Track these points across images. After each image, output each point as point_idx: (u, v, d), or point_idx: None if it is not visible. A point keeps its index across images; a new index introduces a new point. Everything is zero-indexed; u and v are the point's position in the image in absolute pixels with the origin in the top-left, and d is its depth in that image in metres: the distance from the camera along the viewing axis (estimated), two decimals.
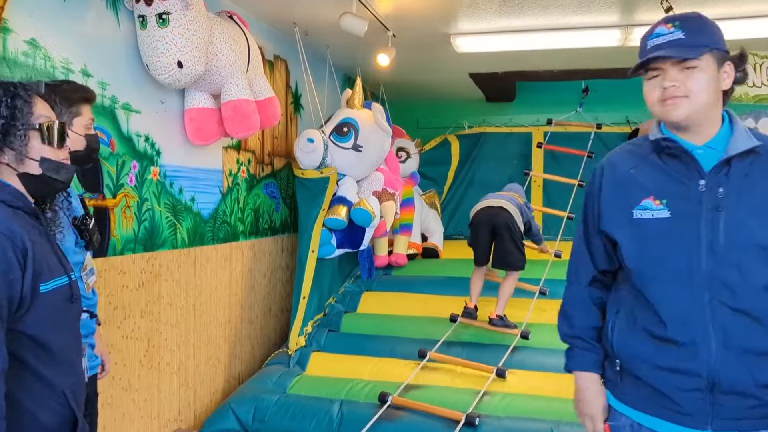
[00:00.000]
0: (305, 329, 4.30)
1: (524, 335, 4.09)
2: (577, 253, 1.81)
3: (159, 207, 3.26)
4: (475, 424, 3.19)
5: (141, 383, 3.13)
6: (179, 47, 2.94)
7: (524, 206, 4.53)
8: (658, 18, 4.14)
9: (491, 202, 4.37)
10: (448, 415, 3.28)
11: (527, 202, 4.73)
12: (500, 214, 4.27)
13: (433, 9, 4.06)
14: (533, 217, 4.68)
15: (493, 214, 4.28)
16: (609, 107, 6.56)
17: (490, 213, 4.30)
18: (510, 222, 4.24)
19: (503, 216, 4.25)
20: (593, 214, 1.73)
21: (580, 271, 1.80)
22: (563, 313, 1.85)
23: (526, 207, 4.57)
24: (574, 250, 1.83)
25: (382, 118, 4.49)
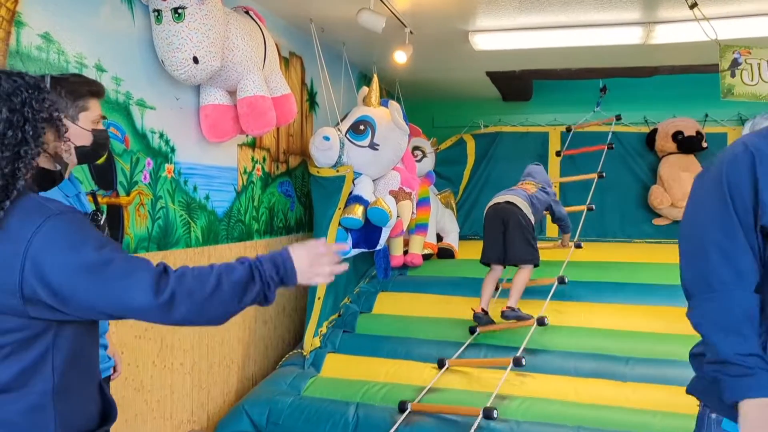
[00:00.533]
0: (320, 330, 4.24)
1: (541, 322, 3.97)
2: (728, 251, 1.44)
3: (173, 205, 3.22)
4: (494, 417, 3.11)
5: (154, 384, 3.08)
6: (195, 42, 2.89)
7: (537, 195, 4.38)
8: (682, 15, 4.09)
9: (499, 198, 4.29)
10: (466, 413, 3.22)
11: (544, 186, 4.54)
12: (507, 208, 4.18)
13: (451, 5, 3.99)
14: (556, 201, 4.53)
15: (500, 209, 4.21)
16: (627, 107, 6.44)
17: (497, 209, 4.23)
18: (519, 215, 4.13)
19: (511, 210, 4.16)
20: (744, 208, 1.43)
21: (744, 273, 1.43)
22: (728, 326, 1.42)
23: (542, 193, 4.44)
24: (719, 247, 1.45)
25: (399, 117, 4.42)
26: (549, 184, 4.70)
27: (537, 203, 4.33)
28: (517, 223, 4.12)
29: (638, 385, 3.54)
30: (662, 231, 6.19)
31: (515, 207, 4.18)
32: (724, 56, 3.78)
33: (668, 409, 3.34)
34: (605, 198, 6.14)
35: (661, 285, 4.51)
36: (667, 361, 3.71)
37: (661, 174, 6.11)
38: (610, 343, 3.94)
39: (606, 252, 5.39)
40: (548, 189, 4.61)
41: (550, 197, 4.50)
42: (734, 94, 3.74)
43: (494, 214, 4.22)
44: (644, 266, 4.88)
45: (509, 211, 4.16)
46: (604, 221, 6.25)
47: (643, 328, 4.08)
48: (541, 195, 4.42)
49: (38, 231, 1.22)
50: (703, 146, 6.04)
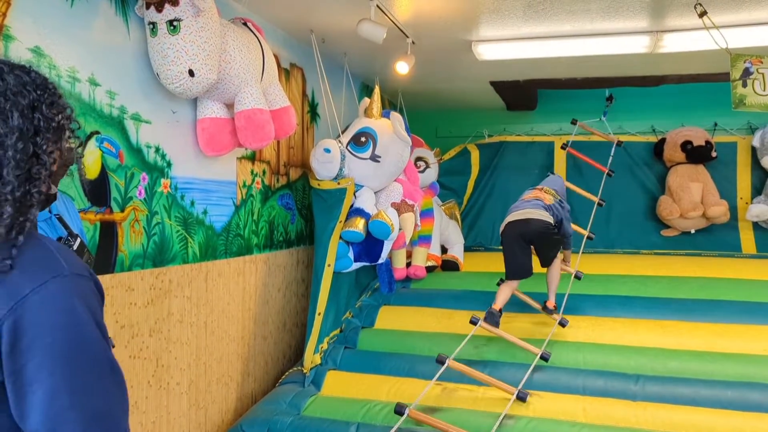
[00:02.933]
0: (321, 346, 4.15)
1: (562, 323, 4.06)
2: None
3: (169, 220, 3.14)
4: None
5: (149, 405, 3.00)
6: (191, 55, 2.82)
7: (554, 206, 4.31)
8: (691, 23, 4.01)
9: (516, 215, 4.21)
10: None
11: (561, 200, 4.50)
12: (528, 224, 4.12)
13: (454, 15, 3.91)
14: (567, 219, 4.47)
15: (520, 226, 4.14)
16: (634, 116, 6.36)
17: (516, 226, 4.16)
18: (542, 228, 4.10)
19: (534, 226, 4.11)
20: None
21: None
22: None
23: (558, 206, 4.37)
24: None
25: (401, 128, 4.35)
26: (565, 198, 4.63)
27: (553, 213, 4.26)
28: (543, 236, 4.12)
29: (649, 404, 3.44)
30: (671, 242, 6.08)
31: (535, 221, 4.11)
32: (735, 66, 3.68)
33: (680, 430, 3.24)
34: (612, 208, 6.04)
35: (671, 299, 4.42)
36: (679, 378, 3.62)
37: (670, 184, 6.01)
38: (619, 359, 3.84)
39: (613, 264, 5.29)
40: (564, 204, 4.53)
41: (564, 212, 4.42)
42: (746, 104, 3.64)
43: (514, 232, 4.15)
44: (653, 279, 4.78)
45: (531, 229, 4.10)
46: (611, 232, 6.15)
47: (653, 343, 3.98)
48: (557, 208, 4.33)
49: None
50: (713, 156, 5.94)
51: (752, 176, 6.02)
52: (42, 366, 1.00)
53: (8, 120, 1.05)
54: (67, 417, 1.01)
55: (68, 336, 1.03)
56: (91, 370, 1.06)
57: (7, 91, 1.07)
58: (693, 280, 4.69)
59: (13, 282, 1.00)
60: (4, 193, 1.04)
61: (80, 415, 1.02)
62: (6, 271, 0.99)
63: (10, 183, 1.03)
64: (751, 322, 4.05)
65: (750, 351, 3.79)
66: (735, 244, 5.94)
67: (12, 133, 1.04)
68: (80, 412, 1.02)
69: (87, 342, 1.06)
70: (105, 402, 1.07)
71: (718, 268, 5.03)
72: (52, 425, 1.00)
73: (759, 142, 5.77)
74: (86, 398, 1.03)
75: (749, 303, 4.26)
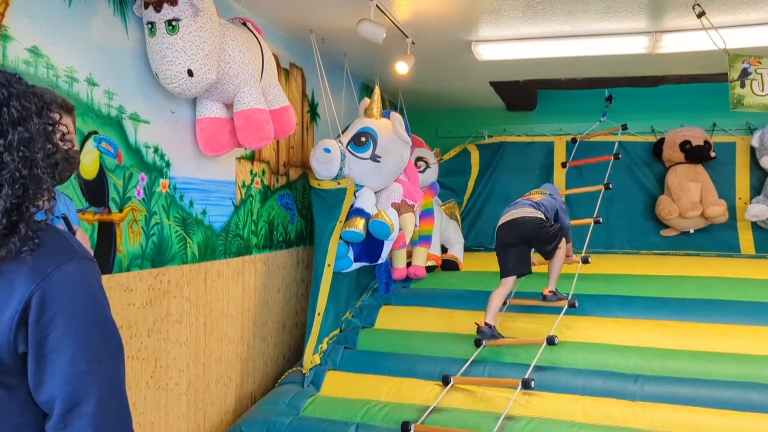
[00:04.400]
0: (320, 347, 4.15)
1: (572, 304, 4.05)
2: None
3: (168, 221, 3.14)
4: None
5: (147, 405, 3.00)
6: (189, 55, 2.82)
7: (542, 201, 4.36)
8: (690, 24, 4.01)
9: (507, 216, 4.27)
10: None
11: (552, 194, 4.55)
12: (521, 224, 4.18)
13: (453, 15, 3.91)
14: (564, 209, 4.49)
15: (511, 226, 4.20)
16: (634, 116, 6.35)
17: (509, 226, 4.22)
18: (531, 223, 4.15)
19: (524, 225, 4.16)
20: None
21: None
22: None
23: (549, 198, 4.43)
24: None
25: (401, 128, 4.34)
26: (557, 193, 4.69)
27: (543, 208, 4.30)
28: (533, 231, 4.16)
29: (647, 404, 3.43)
30: (670, 242, 6.09)
31: (524, 218, 4.17)
32: (734, 66, 3.68)
33: (679, 430, 3.24)
34: (612, 209, 6.04)
35: (670, 299, 4.41)
36: (678, 379, 3.61)
37: (669, 184, 6.01)
38: (618, 359, 3.83)
39: (613, 264, 5.28)
40: (556, 196, 4.58)
41: (558, 202, 4.45)
42: (744, 104, 3.64)
43: (506, 233, 4.22)
44: (652, 279, 4.77)
45: (521, 226, 4.16)
46: (610, 232, 6.15)
47: (652, 343, 3.97)
48: (547, 200, 4.39)
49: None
50: (711, 156, 5.95)
51: (751, 176, 6.02)
52: (63, 336, 1.13)
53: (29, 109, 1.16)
54: (85, 381, 1.14)
55: (87, 311, 1.16)
56: (105, 342, 1.19)
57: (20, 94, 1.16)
58: (692, 279, 4.69)
59: (38, 262, 1.12)
60: None
61: (96, 380, 1.16)
62: (34, 249, 1.12)
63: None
64: (750, 323, 4.04)
65: (749, 351, 3.79)
66: (734, 244, 5.94)
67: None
68: (96, 378, 1.16)
69: (102, 318, 1.20)
70: (115, 370, 1.21)
71: (717, 268, 5.03)
72: (72, 388, 1.13)
73: (758, 142, 5.78)
74: (100, 366, 1.17)
75: (748, 303, 4.26)
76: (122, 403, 1.23)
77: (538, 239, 4.21)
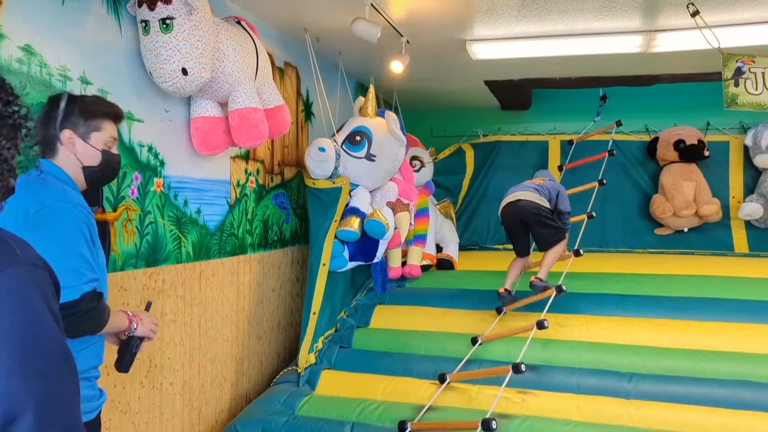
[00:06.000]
0: (315, 346, 4.14)
1: (559, 289, 4.03)
2: None
3: (162, 220, 3.13)
4: (493, 428, 3.02)
5: (142, 405, 2.99)
6: (184, 53, 2.81)
7: (544, 184, 4.46)
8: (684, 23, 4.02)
9: (511, 197, 4.35)
10: (464, 427, 3.14)
11: (549, 180, 4.65)
12: (521, 206, 4.27)
13: (448, 15, 3.92)
14: (563, 195, 4.53)
15: (515, 208, 4.30)
16: (628, 115, 6.36)
17: (512, 208, 4.31)
18: (533, 209, 4.25)
19: (524, 206, 4.26)
20: None
21: None
22: None
23: (549, 182, 4.53)
24: None
25: (396, 127, 4.34)
26: (553, 178, 4.80)
27: (544, 191, 4.41)
28: (534, 216, 4.25)
29: (642, 402, 3.45)
30: (664, 241, 6.10)
31: (526, 202, 4.27)
32: (727, 65, 3.70)
33: (673, 428, 3.25)
34: (606, 207, 6.06)
35: (664, 297, 4.42)
36: (672, 377, 3.63)
37: (663, 183, 6.03)
38: (612, 357, 3.84)
39: (607, 263, 5.30)
40: (554, 182, 4.68)
41: (558, 186, 4.56)
42: (738, 103, 3.66)
43: (511, 215, 4.34)
44: (646, 277, 4.79)
45: (523, 209, 4.27)
46: (605, 231, 6.16)
47: (647, 342, 3.99)
48: (549, 185, 4.50)
49: None
50: (705, 155, 5.97)
51: (744, 175, 6.05)
52: None
53: None
54: (21, 397, 1.06)
55: (23, 322, 1.08)
56: (45, 355, 1.11)
57: None
58: (686, 278, 4.71)
59: None
60: None
61: (33, 395, 1.07)
62: None
63: None
64: (743, 321, 4.06)
65: (742, 349, 3.80)
66: (727, 243, 5.97)
67: None
68: (34, 393, 1.07)
69: (41, 329, 1.10)
70: (57, 386, 1.12)
71: (710, 266, 5.05)
72: (7, 403, 1.05)
73: (751, 141, 5.80)
74: (39, 381, 1.08)
75: (742, 301, 4.28)
76: (68, 418, 1.13)
77: (535, 223, 4.26)
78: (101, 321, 1.90)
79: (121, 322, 2.06)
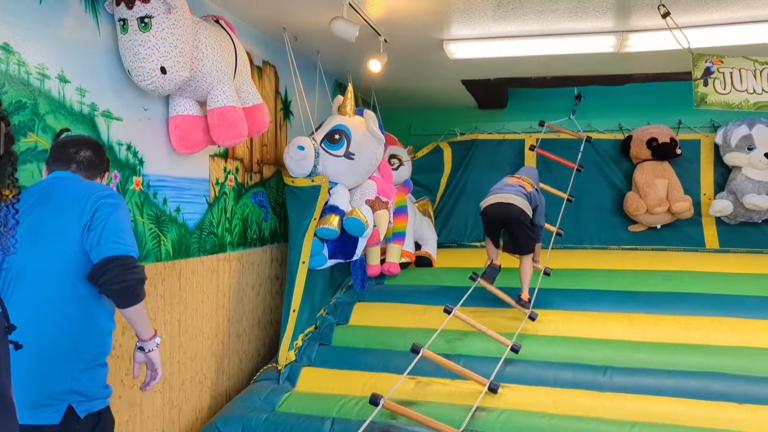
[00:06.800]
0: (295, 343, 4.17)
1: (532, 317, 4.20)
2: None
3: (142, 218, 3.14)
4: None
5: (122, 403, 2.99)
6: (162, 52, 2.82)
7: (533, 193, 4.56)
8: (655, 24, 4.11)
9: (501, 197, 4.39)
10: (442, 429, 3.18)
11: (538, 188, 4.76)
12: (510, 209, 4.34)
13: (426, 14, 3.96)
14: (541, 206, 4.67)
15: (504, 208, 4.36)
16: (602, 114, 6.49)
17: (500, 207, 4.37)
18: (520, 216, 4.33)
19: (513, 211, 4.33)
20: None
21: None
22: None
23: (536, 193, 4.61)
24: None
25: (374, 125, 4.38)
26: (537, 180, 4.86)
27: (533, 201, 4.50)
28: (519, 223, 4.34)
29: (616, 395, 3.53)
30: (638, 237, 6.22)
31: (514, 207, 4.33)
32: (697, 65, 3.79)
33: (646, 419, 3.33)
34: (581, 205, 6.15)
35: (638, 292, 4.53)
36: (645, 370, 3.72)
37: (636, 180, 6.14)
38: (587, 352, 3.93)
39: (582, 259, 5.40)
40: (540, 193, 4.75)
41: (539, 199, 4.66)
42: (707, 102, 3.75)
43: (494, 214, 4.40)
44: (620, 273, 4.89)
45: (510, 214, 4.33)
46: (580, 228, 6.26)
47: (621, 336, 4.08)
48: (535, 196, 4.59)
49: None
50: (677, 153, 6.09)
51: (715, 173, 6.19)
52: None
53: None
54: None
55: None
56: None
57: None
58: (659, 273, 4.82)
59: None
60: None
61: None
62: None
63: None
64: (713, 314, 4.17)
65: (712, 342, 3.91)
66: (699, 239, 6.10)
67: None
68: None
69: None
70: None
71: (682, 261, 5.17)
72: None
73: (721, 140, 5.94)
74: None
75: (712, 295, 4.39)
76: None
77: (517, 229, 4.34)
78: (141, 285, 2.14)
79: (150, 323, 2.27)
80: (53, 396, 1.97)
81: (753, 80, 3.68)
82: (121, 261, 2.01)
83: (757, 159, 5.76)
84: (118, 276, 2.00)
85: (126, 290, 2.04)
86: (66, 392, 1.99)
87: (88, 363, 2.06)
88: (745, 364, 3.68)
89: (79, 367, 2.03)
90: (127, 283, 2.02)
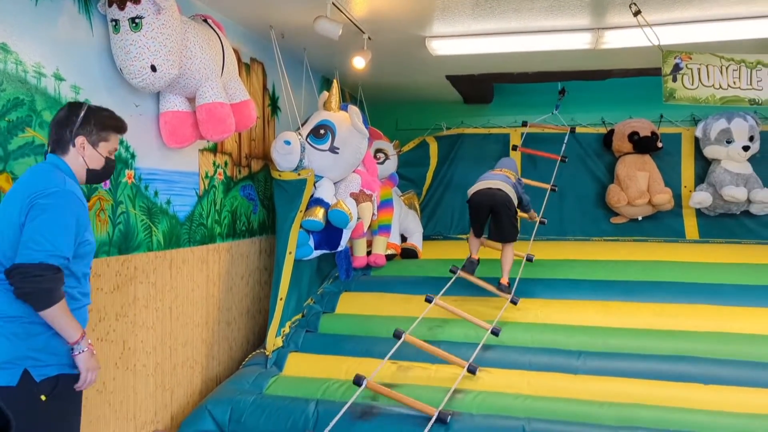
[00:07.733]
0: (283, 330, 4.32)
1: (514, 301, 4.39)
2: None
3: (134, 210, 3.28)
4: (446, 422, 3.24)
5: (116, 385, 3.15)
6: (152, 51, 2.97)
7: (517, 183, 4.79)
8: (628, 21, 4.26)
9: (489, 183, 4.58)
10: (421, 409, 3.34)
11: (519, 178, 5.00)
12: (497, 195, 4.52)
13: (407, 12, 4.10)
14: (524, 192, 4.94)
15: (491, 195, 4.53)
16: (585, 108, 6.63)
17: (488, 194, 4.54)
18: (507, 202, 4.52)
19: (500, 197, 4.52)
20: None
21: None
22: None
23: (518, 183, 4.85)
24: None
25: (358, 121, 4.53)
26: (515, 169, 5.12)
27: (516, 190, 4.72)
28: (505, 209, 4.51)
29: (589, 377, 3.69)
30: (620, 229, 6.38)
31: (502, 193, 4.53)
32: (667, 61, 3.95)
33: (617, 399, 3.49)
34: (564, 197, 6.31)
35: (616, 281, 4.69)
36: (618, 354, 3.88)
37: (618, 173, 6.30)
38: (564, 338, 4.09)
39: (564, 250, 5.55)
40: (521, 180, 5.03)
41: (521, 188, 4.89)
42: (676, 97, 3.91)
43: (482, 200, 4.56)
44: (600, 263, 5.05)
45: (497, 199, 4.51)
46: (563, 220, 6.41)
47: (597, 322, 4.24)
48: (518, 184, 4.83)
49: None
50: (658, 146, 6.24)
51: (695, 165, 6.35)
52: None
53: None
54: None
55: None
56: None
57: None
58: (637, 263, 4.97)
59: None
60: None
61: None
62: None
63: None
64: (688, 302, 4.34)
65: (682, 327, 4.07)
66: (679, 230, 6.26)
67: None
68: None
69: None
70: None
71: (662, 252, 5.34)
72: None
73: (701, 133, 6.09)
74: None
75: (688, 284, 4.56)
76: None
77: (502, 215, 4.50)
78: (46, 293, 2.14)
79: (74, 329, 2.26)
80: (10, 361, 2.15)
81: (719, 76, 3.84)
82: (23, 269, 2.10)
83: (735, 152, 5.91)
84: (18, 283, 2.10)
85: (28, 296, 2.12)
86: (21, 358, 2.16)
87: (39, 334, 2.20)
88: (715, 347, 3.84)
89: (33, 337, 2.19)
90: (24, 290, 2.11)
